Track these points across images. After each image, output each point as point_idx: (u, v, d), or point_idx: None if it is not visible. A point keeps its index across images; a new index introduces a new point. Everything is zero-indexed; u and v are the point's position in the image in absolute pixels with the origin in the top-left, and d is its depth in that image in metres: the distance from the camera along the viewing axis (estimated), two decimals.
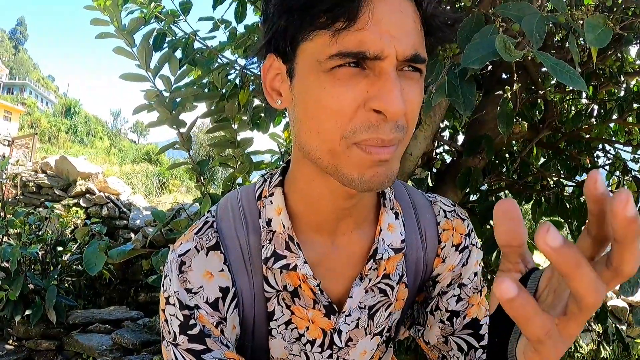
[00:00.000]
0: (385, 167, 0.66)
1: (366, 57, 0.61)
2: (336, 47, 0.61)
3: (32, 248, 4.55)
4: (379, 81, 0.62)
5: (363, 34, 0.60)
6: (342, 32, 0.61)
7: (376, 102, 0.62)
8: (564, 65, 1.07)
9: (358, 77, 0.63)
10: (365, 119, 0.63)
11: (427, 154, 2.21)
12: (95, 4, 2.01)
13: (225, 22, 2.27)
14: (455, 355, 0.88)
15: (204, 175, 2.13)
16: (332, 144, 0.65)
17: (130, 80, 1.97)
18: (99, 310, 5.42)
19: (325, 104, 0.64)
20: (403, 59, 0.63)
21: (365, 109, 0.63)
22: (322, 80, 0.64)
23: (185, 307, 0.77)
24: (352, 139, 0.63)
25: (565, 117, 2.50)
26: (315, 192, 0.77)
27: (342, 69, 0.62)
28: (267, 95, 0.75)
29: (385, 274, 0.86)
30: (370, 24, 0.60)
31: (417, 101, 0.67)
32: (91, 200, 8.15)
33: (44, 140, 29.56)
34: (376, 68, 0.62)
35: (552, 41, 2.09)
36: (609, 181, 2.59)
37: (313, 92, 0.65)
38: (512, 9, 1.21)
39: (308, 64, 0.65)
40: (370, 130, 0.63)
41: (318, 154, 0.68)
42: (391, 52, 0.61)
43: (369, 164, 0.65)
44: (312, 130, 0.67)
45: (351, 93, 0.62)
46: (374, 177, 0.65)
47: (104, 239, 2.06)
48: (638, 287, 1.78)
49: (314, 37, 0.64)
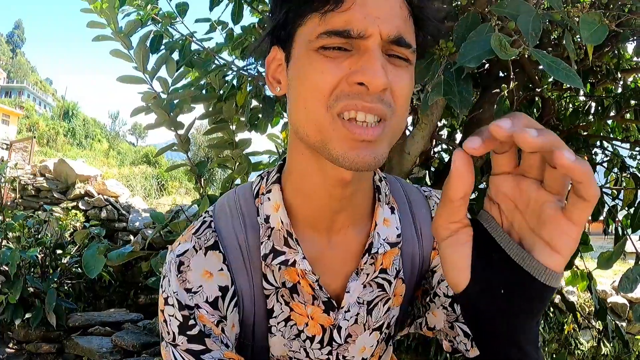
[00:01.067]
0: (370, 149, 0.66)
1: (350, 35, 0.65)
2: (324, 26, 0.66)
3: (32, 251, 4.56)
4: (362, 57, 0.65)
5: (349, 14, 0.65)
6: (330, 13, 0.65)
7: (358, 75, 0.64)
8: (560, 63, 1.08)
9: (343, 57, 0.66)
10: (345, 90, 0.66)
11: (425, 153, 2.21)
12: (91, 7, 2.01)
13: (222, 23, 2.28)
14: (462, 342, 0.88)
15: (203, 176, 2.13)
16: (318, 117, 0.67)
17: (128, 82, 1.97)
18: (99, 313, 5.42)
19: (312, 79, 0.67)
20: (387, 40, 0.66)
21: (347, 83, 0.65)
22: (311, 58, 0.68)
23: (184, 308, 0.77)
24: (334, 108, 0.66)
25: (562, 114, 2.50)
26: (309, 183, 0.78)
27: (328, 50, 0.66)
28: (269, 84, 0.79)
29: (382, 269, 0.87)
30: (356, 5, 0.65)
31: (405, 85, 0.69)
32: (90, 202, 8.14)
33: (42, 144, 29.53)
34: (361, 47, 0.66)
35: (548, 39, 2.09)
36: (607, 178, 2.59)
37: (303, 70, 0.69)
38: (507, 7, 1.22)
39: (302, 46, 0.70)
40: (351, 97, 0.65)
41: (306, 130, 0.70)
42: (374, 31, 0.65)
43: (353, 143, 0.66)
44: (300, 107, 0.69)
45: (335, 68, 0.66)
46: (358, 157, 0.66)
47: (103, 242, 2.06)
48: (637, 283, 1.78)
49: (307, 20, 0.68)
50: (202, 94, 2.11)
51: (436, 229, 0.57)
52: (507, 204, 0.54)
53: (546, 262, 0.50)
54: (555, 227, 0.49)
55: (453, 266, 0.56)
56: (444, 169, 2.20)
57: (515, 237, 0.54)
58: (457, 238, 0.56)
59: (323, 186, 0.76)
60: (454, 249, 0.56)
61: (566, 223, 0.49)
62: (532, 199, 0.51)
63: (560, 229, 0.49)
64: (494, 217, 0.56)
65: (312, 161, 0.74)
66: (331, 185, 0.76)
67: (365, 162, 0.66)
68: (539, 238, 0.51)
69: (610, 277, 6.37)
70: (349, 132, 0.65)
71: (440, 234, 0.57)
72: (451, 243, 0.56)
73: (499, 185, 0.54)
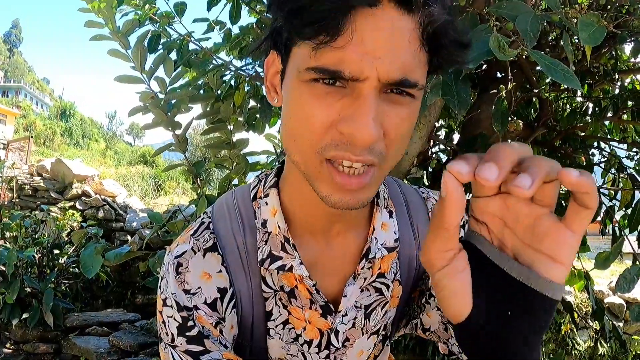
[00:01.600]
0: (354, 194, 0.64)
1: (342, 76, 0.58)
2: (315, 61, 0.58)
3: (29, 251, 4.55)
4: (354, 103, 0.59)
5: (343, 52, 0.57)
6: (323, 46, 0.57)
7: (345, 126, 0.59)
8: (558, 64, 1.08)
9: (334, 96, 0.60)
10: (335, 138, 0.61)
11: (423, 154, 2.21)
12: (89, 7, 2.01)
13: (220, 23, 2.28)
14: (455, 344, 0.88)
15: (200, 176, 2.13)
16: (307, 155, 0.64)
17: (125, 82, 1.97)
18: (96, 313, 5.42)
19: (301, 117, 0.62)
20: (386, 82, 0.58)
21: (337, 130, 0.60)
22: (300, 90, 0.62)
23: (183, 309, 0.77)
24: (323, 154, 0.62)
25: (560, 115, 2.50)
26: (306, 194, 0.77)
27: (319, 84, 0.60)
28: (267, 90, 0.75)
29: (380, 273, 0.86)
30: (352, 42, 0.56)
31: (403, 127, 0.63)
32: (87, 202, 8.13)
33: (39, 143, 29.46)
34: (355, 88, 0.59)
35: (546, 40, 2.10)
36: (604, 178, 2.60)
37: (292, 100, 0.64)
38: (506, 7, 1.22)
39: (293, 70, 0.63)
40: (338, 148, 0.61)
41: (296, 159, 0.67)
42: (372, 74, 0.57)
43: (337, 187, 0.63)
44: (291, 137, 0.66)
45: (324, 113, 0.60)
46: (341, 200, 0.64)
47: (101, 242, 2.06)
48: (634, 283, 1.79)
49: (301, 44, 0.61)
50: (199, 93, 2.11)
51: (429, 260, 0.53)
52: (495, 223, 0.52)
53: (550, 275, 0.49)
54: (556, 238, 0.48)
55: (452, 295, 0.53)
56: (441, 169, 2.20)
57: (509, 253, 0.52)
58: (454, 266, 0.52)
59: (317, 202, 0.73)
60: (451, 278, 0.52)
61: (567, 233, 0.48)
62: (522, 215, 0.49)
63: (561, 240, 0.48)
64: (484, 237, 0.53)
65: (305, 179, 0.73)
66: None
67: (348, 205, 0.64)
68: (538, 252, 0.50)
69: (607, 278, 6.39)
70: (333, 179, 0.63)
71: (435, 265, 0.53)
72: (448, 272, 0.52)
73: (484, 207, 0.51)
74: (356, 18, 0.56)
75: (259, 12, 2.30)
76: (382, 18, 0.57)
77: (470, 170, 0.45)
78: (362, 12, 0.56)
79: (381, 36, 0.57)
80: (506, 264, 0.51)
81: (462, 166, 0.45)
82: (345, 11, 0.56)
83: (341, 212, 0.76)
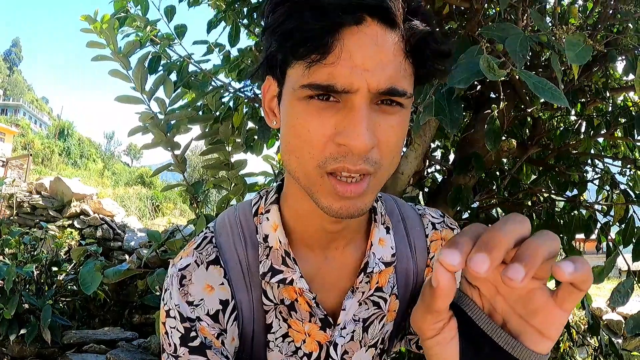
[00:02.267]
0: (353, 202, 0.67)
1: (335, 90, 0.62)
2: (307, 78, 0.63)
3: (28, 267, 4.55)
4: (348, 116, 0.63)
5: (333, 67, 0.61)
6: (315, 64, 0.62)
7: (342, 138, 0.63)
8: (546, 83, 1.11)
9: (329, 111, 0.64)
10: (334, 151, 0.64)
11: (418, 173, 2.24)
12: (91, 27, 2.04)
13: (219, 45, 2.31)
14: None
15: (198, 197, 2.15)
16: (308, 170, 0.68)
17: (126, 102, 2.00)
18: (94, 331, 5.39)
19: (300, 133, 0.66)
20: (377, 92, 0.63)
21: (334, 143, 0.64)
22: (297, 109, 0.66)
23: (186, 320, 0.79)
24: (324, 168, 0.66)
25: (553, 133, 2.53)
26: (304, 210, 0.80)
27: (314, 100, 0.64)
28: (265, 115, 0.79)
29: (377, 287, 0.89)
30: (341, 58, 0.61)
31: (395, 136, 0.67)
32: (86, 221, 8.12)
33: (37, 162, 29.44)
34: (348, 101, 0.63)
35: (538, 60, 2.13)
36: (598, 195, 2.62)
37: (290, 119, 0.68)
38: (496, 29, 1.25)
39: (289, 90, 0.68)
40: (338, 160, 0.64)
41: (297, 175, 0.71)
42: (362, 86, 0.62)
43: (337, 197, 0.67)
44: (292, 153, 0.69)
45: (321, 128, 0.64)
46: (341, 208, 0.67)
47: (100, 259, 2.07)
48: (628, 297, 1.80)
49: (294, 65, 0.65)
50: (199, 115, 2.13)
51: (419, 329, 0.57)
52: (488, 288, 0.55)
53: (537, 348, 0.51)
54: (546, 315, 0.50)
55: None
56: (437, 189, 2.22)
57: (499, 319, 0.55)
58: (444, 336, 0.56)
59: (317, 217, 0.79)
60: (441, 347, 0.56)
61: (558, 311, 0.50)
62: None
63: (552, 318, 0.50)
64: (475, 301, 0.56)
65: (306, 195, 0.76)
66: (324, 219, 0.78)
67: (348, 213, 0.68)
68: (529, 325, 0.52)
69: (605, 295, 6.38)
70: (333, 189, 0.66)
71: (425, 333, 0.56)
72: (438, 341, 0.56)
73: None
74: (343, 36, 0.61)
75: (258, 35, 2.34)
76: (368, 34, 0.62)
77: (461, 261, 0.46)
78: (349, 30, 0.61)
79: (368, 51, 0.62)
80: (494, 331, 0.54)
81: (453, 257, 0.46)
82: (333, 30, 0.61)
83: (340, 227, 0.80)
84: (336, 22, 0.61)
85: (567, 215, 2.42)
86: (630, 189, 2.39)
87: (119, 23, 2.13)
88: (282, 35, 0.64)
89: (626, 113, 2.32)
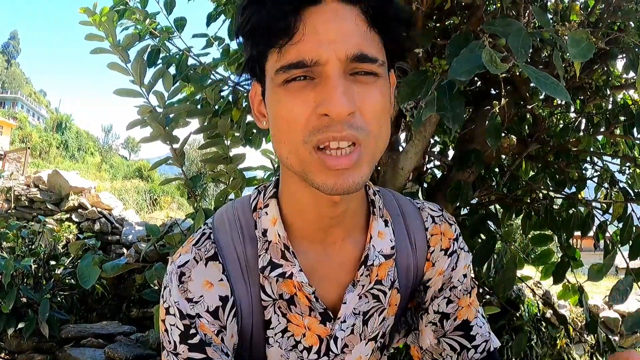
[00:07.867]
0: (347, 175, 0.68)
1: (305, 64, 0.66)
2: (280, 61, 0.67)
3: (26, 261, 4.54)
4: (325, 87, 0.66)
5: (301, 45, 0.66)
6: (285, 47, 0.66)
7: (321, 107, 0.66)
8: (548, 77, 1.11)
9: (307, 89, 0.68)
10: (317, 124, 0.67)
11: (418, 169, 2.23)
12: (90, 20, 2.03)
13: (219, 39, 2.30)
14: (448, 355, 0.92)
15: (196, 191, 2.14)
16: (297, 150, 0.69)
17: (124, 95, 1.99)
18: (92, 325, 5.39)
19: (283, 116, 0.69)
20: (346, 59, 0.66)
21: (315, 116, 0.67)
22: (278, 94, 0.70)
23: (185, 317, 0.79)
24: (310, 142, 0.68)
25: (553, 130, 2.53)
26: (300, 202, 0.81)
27: (292, 83, 0.68)
28: (256, 119, 0.82)
29: (377, 280, 0.89)
30: (305, 34, 0.66)
31: (375, 103, 0.69)
32: (83, 215, 8.10)
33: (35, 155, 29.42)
34: (322, 75, 0.67)
35: (539, 57, 2.13)
36: (597, 193, 2.62)
37: (274, 106, 0.71)
38: (498, 25, 1.25)
39: (269, 81, 0.72)
40: (321, 131, 0.66)
41: (289, 162, 0.72)
42: (330, 56, 0.65)
43: (329, 172, 0.68)
44: (280, 141, 0.72)
45: (303, 105, 0.67)
46: (336, 184, 0.68)
47: (98, 253, 2.07)
48: (627, 294, 1.81)
49: (269, 56, 0.70)
50: (197, 108, 2.13)
51: None
52: None
53: None
54: None
55: None
56: (436, 185, 2.22)
57: None
58: None
59: (314, 206, 0.79)
60: None
61: None
62: None
63: None
64: None
65: (302, 184, 0.77)
66: (322, 205, 0.78)
67: (344, 188, 0.68)
68: None
69: (603, 293, 6.39)
70: (324, 164, 0.67)
71: None
72: None
73: None
74: (306, 16, 0.66)
75: None
76: (328, 11, 0.67)
77: None
78: (310, 10, 0.67)
79: (331, 24, 0.67)
80: None
81: None
82: (295, 12, 0.66)
83: (338, 211, 0.80)
84: (296, 4, 0.66)
85: (566, 212, 2.42)
86: (629, 187, 2.39)
87: (118, 16, 2.12)
88: (251, 30, 0.69)
89: (626, 111, 2.32)
